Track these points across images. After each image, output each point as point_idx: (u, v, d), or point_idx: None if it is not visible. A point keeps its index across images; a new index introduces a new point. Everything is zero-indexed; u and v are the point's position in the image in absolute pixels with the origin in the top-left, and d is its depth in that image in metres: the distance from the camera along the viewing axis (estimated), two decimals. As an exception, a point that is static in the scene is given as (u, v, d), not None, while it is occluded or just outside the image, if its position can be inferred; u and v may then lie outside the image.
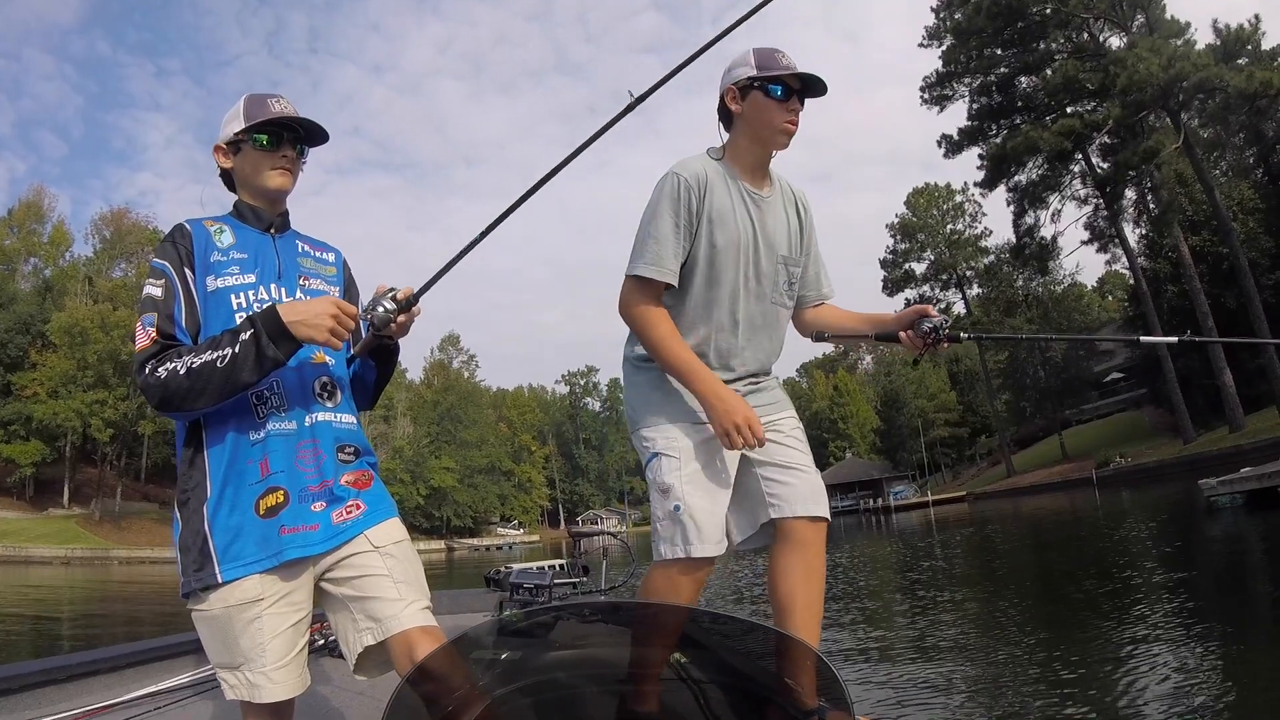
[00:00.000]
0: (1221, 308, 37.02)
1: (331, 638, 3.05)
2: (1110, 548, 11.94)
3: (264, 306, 1.66)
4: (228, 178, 1.88)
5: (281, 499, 1.63)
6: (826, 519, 2.11)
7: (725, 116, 2.19)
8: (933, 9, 43.05)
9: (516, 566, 4.87)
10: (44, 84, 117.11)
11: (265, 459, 1.64)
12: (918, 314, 2.21)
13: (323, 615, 1.77)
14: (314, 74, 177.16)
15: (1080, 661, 5.14)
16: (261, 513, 1.62)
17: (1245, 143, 39.75)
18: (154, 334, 1.62)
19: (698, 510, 2.00)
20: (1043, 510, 28.04)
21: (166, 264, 1.69)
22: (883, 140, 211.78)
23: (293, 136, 1.83)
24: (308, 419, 1.69)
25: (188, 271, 1.68)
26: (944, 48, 42.63)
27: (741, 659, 1.53)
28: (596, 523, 71.15)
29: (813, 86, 2.12)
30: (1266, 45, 32.87)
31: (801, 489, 2.09)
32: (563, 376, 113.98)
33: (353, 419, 1.80)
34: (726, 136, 2.22)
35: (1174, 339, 2.89)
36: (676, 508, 2.00)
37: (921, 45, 43.84)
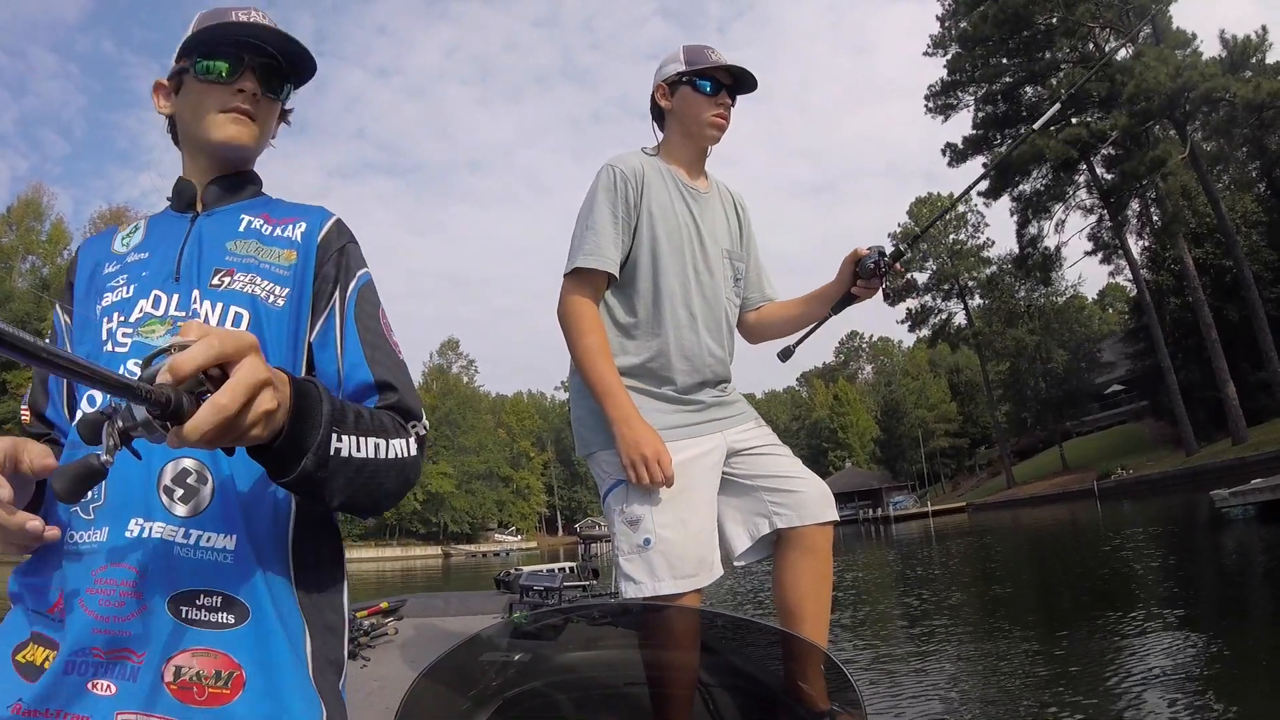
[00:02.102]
0: (1224, 320, 36.99)
1: None
2: (1123, 562, 11.60)
3: (130, 329, 1.08)
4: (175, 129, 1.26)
5: (40, 659, 0.96)
6: (836, 521, 2.04)
7: (658, 114, 2.17)
8: (938, 18, 43.09)
9: (526, 569, 4.78)
10: (48, 82, 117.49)
11: (52, 585, 0.99)
12: (854, 262, 2.13)
13: None
14: (320, 76, 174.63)
15: (1088, 682, 4.97)
16: (16, 663, 0.97)
17: (1248, 156, 39.75)
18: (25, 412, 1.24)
19: (670, 543, 1.84)
20: (1044, 522, 27.90)
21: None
22: (885, 152, 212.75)
23: (261, 63, 1.20)
24: (131, 528, 0.96)
25: (64, 316, 1.17)
26: (949, 56, 42.64)
27: (751, 661, 1.49)
28: (595, 529, 70.87)
29: (743, 82, 2.10)
30: (1272, 58, 32.83)
31: (810, 496, 2.00)
32: (562, 383, 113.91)
33: (229, 540, 0.98)
34: (661, 136, 2.19)
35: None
36: (647, 541, 1.84)
37: (926, 54, 43.86)
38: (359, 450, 0.93)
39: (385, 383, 1.10)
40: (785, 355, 2.27)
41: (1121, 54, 36.09)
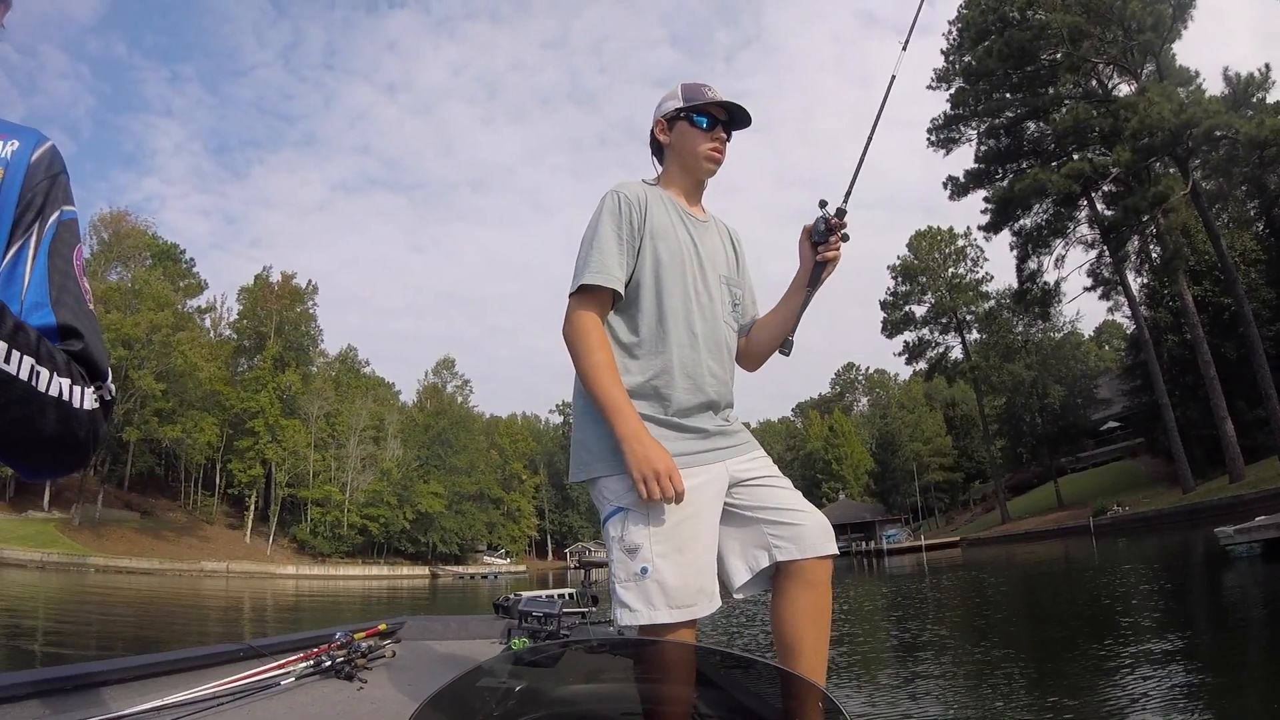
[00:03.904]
0: (1222, 358, 37.04)
1: (339, 659, 2.89)
2: (1128, 600, 11.20)
3: None
4: None
5: None
6: (836, 555, 2.04)
7: (657, 148, 2.26)
8: (943, 51, 43.41)
9: (525, 594, 4.68)
10: (58, 81, 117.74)
11: None
12: (808, 237, 2.18)
13: (330, 636, 1.44)
14: (328, 90, 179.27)
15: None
16: None
17: (1247, 195, 40.02)
18: None
19: (668, 573, 1.84)
20: (1039, 557, 27.71)
21: None
22: (885, 183, 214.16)
23: None
24: None
25: None
26: (952, 90, 43.01)
27: (748, 697, 1.48)
28: (589, 555, 70.57)
29: (738, 118, 2.19)
30: (1274, 96, 33.01)
31: (810, 529, 1.99)
32: (557, 406, 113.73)
33: None
34: (660, 169, 2.27)
35: None
36: (644, 570, 1.85)
37: (930, 87, 44.15)
38: (7, 362, 0.80)
39: (69, 328, 0.96)
40: (786, 348, 2.24)
41: (1124, 90, 36.36)
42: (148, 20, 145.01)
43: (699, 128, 2.15)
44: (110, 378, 0.99)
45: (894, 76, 2.30)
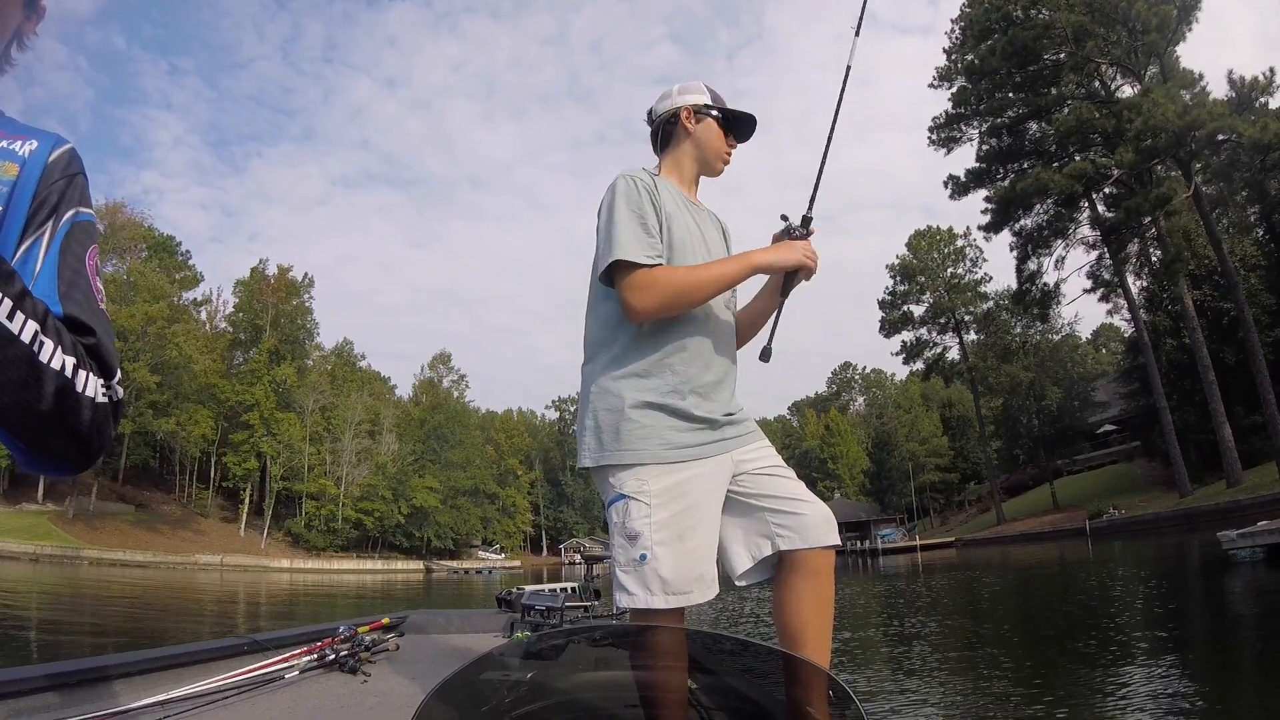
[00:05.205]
0: (1220, 363, 37.10)
1: (343, 652, 2.93)
2: (1135, 607, 11.08)
3: None
4: None
5: None
6: (838, 546, 2.07)
7: (666, 135, 2.29)
8: (945, 50, 43.39)
9: (529, 588, 4.69)
10: (55, 73, 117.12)
11: None
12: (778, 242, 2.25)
13: (333, 629, 1.35)
14: (327, 84, 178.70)
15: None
16: None
17: (1248, 200, 40.03)
18: None
19: (665, 561, 1.88)
20: (1036, 559, 27.74)
21: None
22: (885, 184, 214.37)
23: None
24: None
25: None
26: (954, 89, 42.95)
27: (753, 683, 1.51)
28: (583, 549, 70.59)
29: (748, 131, 2.31)
30: (1277, 101, 32.93)
31: (813, 519, 2.01)
32: (553, 402, 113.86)
33: None
34: (661, 156, 2.31)
35: None
36: (642, 557, 1.89)
37: (932, 86, 44.14)
38: (10, 320, 0.77)
39: (77, 321, 0.92)
40: (765, 355, 2.23)
41: (1128, 92, 36.33)
42: (146, 13, 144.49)
43: (724, 128, 2.26)
44: (116, 375, 0.94)
45: (849, 67, 2.34)
